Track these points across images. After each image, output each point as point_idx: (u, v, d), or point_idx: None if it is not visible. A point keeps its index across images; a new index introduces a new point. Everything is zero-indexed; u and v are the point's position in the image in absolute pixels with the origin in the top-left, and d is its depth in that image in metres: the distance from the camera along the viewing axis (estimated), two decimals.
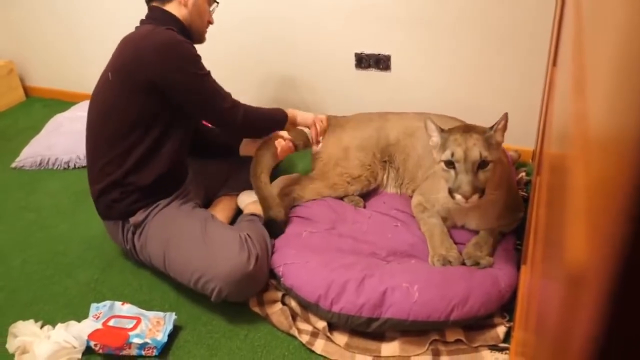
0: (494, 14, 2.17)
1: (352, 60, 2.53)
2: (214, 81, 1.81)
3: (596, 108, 0.46)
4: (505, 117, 1.64)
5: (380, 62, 2.48)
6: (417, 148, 2.04)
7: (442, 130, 1.67)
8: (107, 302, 1.70)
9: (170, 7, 1.83)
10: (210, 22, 1.96)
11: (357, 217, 1.97)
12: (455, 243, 1.79)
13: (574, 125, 0.58)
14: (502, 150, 1.88)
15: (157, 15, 1.83)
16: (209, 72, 1.79)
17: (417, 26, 2.33)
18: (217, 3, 1.99)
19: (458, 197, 1.56)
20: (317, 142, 2.14)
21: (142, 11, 1.88)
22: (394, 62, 2.46)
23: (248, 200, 2.09)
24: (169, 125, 1.81)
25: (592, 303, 0.33)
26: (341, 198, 2.09)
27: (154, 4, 1.85)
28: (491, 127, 1.64)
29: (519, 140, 2.31)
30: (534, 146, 2.27)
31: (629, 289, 0.30)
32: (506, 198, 1.77)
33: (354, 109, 2.39)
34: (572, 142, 0.56)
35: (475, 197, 1.55)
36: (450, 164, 1.58)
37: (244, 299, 1.70)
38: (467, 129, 1.63)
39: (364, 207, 2.07)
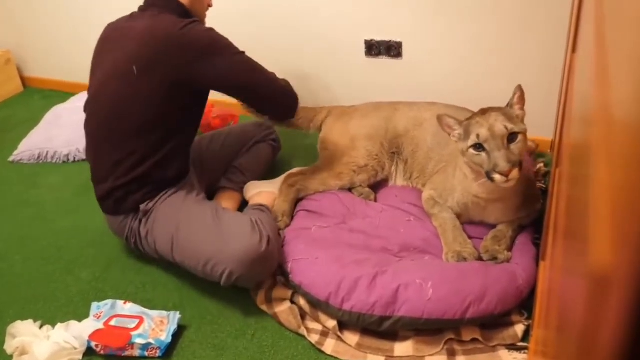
0: None
1: (362, 48, 2.52)
2: (250, 58, 1.85)
3: (621, 96, 0.46)
4: (520, 89, 1.65)
5: (391, 49, 2.47)
6: (427, 140, 2.04)
7: (459, 122, 1.68)
8: (109, 301, 1.71)
9: None
10: (209, 5, 1.98)
11: (369, 211, 1.97)
12: (470, 238, 1.78)
13: (596, 114, 0.57)
14: None
15: (156, 1, 1.83)
16: (244, 52, 1.83)
17: (430, 11, 2.31)
18: None
19: (497, 177, 1.55)
20: None
21: None
22: (405, 49, 2.45)
23: (254, 191, 2.10)
24: (194, 117, 1.90)
25: (618, 305, 0.33)
26: (350, 190, 2.09)
27: None
28: (507, 104, 1.66)
29: (537, 129, 2.29)
30: (552, 136, 2.25)
31: None
32: (525, 189, 1.76)
33: (364, 98, 2.38)
34: (595, 134, 0.55)
35: (515, 171, 1.55)
36: (479, 147, 1.59)
37: (253, 283, 1.72)
38: (484, 111, 1.65)
39: (375, 200, 2.07)
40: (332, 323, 1.60)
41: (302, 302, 1.68)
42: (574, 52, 1.43)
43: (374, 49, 2.50)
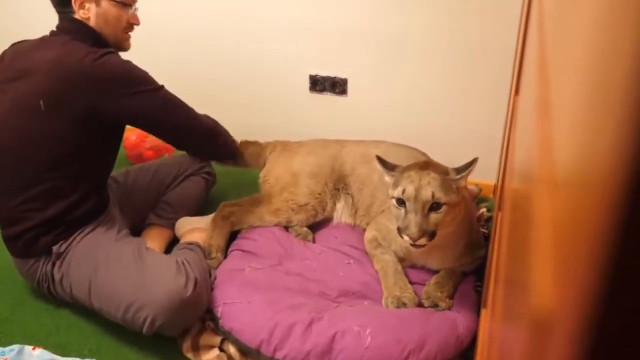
0: (457, 39, 2.23)
1: (307, 83, 2.54)
2: (171, 93, 1.82)
3: (563, 136, 0.46)
4: (475, 162, 1.64)
5: (336, 86, 2.50)
6: (373, 178, 2.05)
7: (394, 167, 1.69)
8: (15, 346, 1.61)
9: (77, 16, 1.76)
10: (135, 24, 1.86)
11: (307, 252, 1.95)
12: (412, 283, 1.79)
13: (538, 155, 0.58)
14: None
15: (68, 26, 1.76)
16: (162, 86, 1.80)
17: (377, 49, 2.37)
18: (136, 8, 1.86)
19: (405, 237, 1.57)
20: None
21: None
22: (350, 86, 2.49)
23: (186, 228, 2.05)
24: (108, 151, 1.84)
25: (562, 352, 0.32)
26: (287, 229, 2.07)
27: (59, 10, 1.78)
28: (457, 170, 1.64)
29: (480, 173, 2.34)
30: (495, 180, 2.32)
31: (601, 337, 0.29)
32: (467, 235, 1.79)
33: (308, 134, 2.39)
34: (537, 175, 0.56)
35: (423, 240, 1.56)
36: (401, 202, 1.59)
37: (179, 331, 1.65)
38: (425, 166, 1.64)
39: (314, 241, 2.05)
40: None
41: (232, 349, 1.63)
42: (517, 94, 1.49)
43: (319, 84, 2.52)
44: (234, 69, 2.64)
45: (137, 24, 1.88)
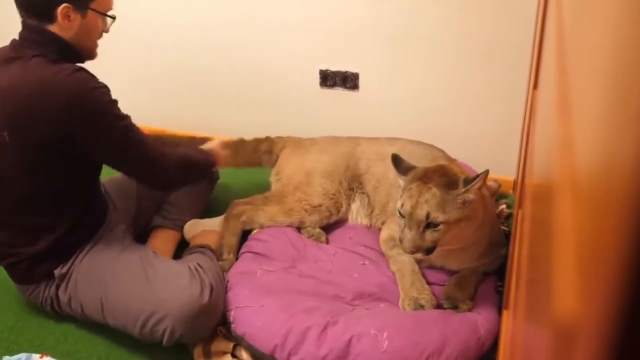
0: (472, 31, 2.22)
1: (317, 78, 2.55)
2: (137, 128, 1.69)
3: (583, 136, 0.46)
4: (485, 175, 1.59)
5: (347, 81, 2.50)
6: (389, 177, 2.05)
7: (407, 170, 1.69)
8: (23, 355, 1.63)
9: (53, 28, 1.64)
10: (104, 31, 1.77)
11: (320, 254, 1.96)
12: (430, 283, 1.79)
13: (559, 156, 0.58)
14: None
15: (35, 38, 1.63)
16: (128, 117, 1.67)
17: (389, 42, 2.37)
18: (114, 19, 1.77)
19: (402, 247, 1.63)
20: None
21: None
22: (362, 81, 2.49)
23: (195, 231, 2.06)
24: (88, 172, 1.77)
25: (586, 358, 0.32)
26: (299, 230, 2.08)
27: (31, 21, 1.64)
28: (466, 182, 1.59)
29: (499, 169, 2.35)
30: (515, 176, 2.31)
31: (626, 342, 0.29)
32: (488, 234, 1.78)
33: (318, 131, 2.39)
34: (558, 176, 0.56)
35: (418, 255, 1.62)
36: (401, 214, 1.62)
37: (199, 338, 1.66)
38: (430, 179, 1.60)
39: (327, 242, 2.06)
40: None
41: (244, 355, 1.64)
42: (535, 88, 1.48)
43: (329, 79, 2.52)
44: (242, 65, 2.65)
45: (108, 31, 1.79)
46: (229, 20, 2.56)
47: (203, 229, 2.07)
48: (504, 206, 2.23)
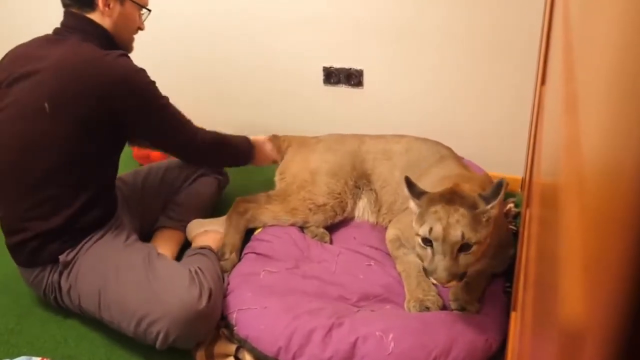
0: (478, 26, 2.22)
1: (320, 75, 2.55)
2: (174, 107, 1.88)
3: (590, 134, 0.46)
4: (502, 185, 1.51)
5: (351, 78, 2.50)
6: (395, 175, 2.05)
7: (420, 195, 1.58)
8: (23, 358, 1.63)
9: (93, 16, 1.80)
10: (140, 29, 1.96)
11: (324, 254, 1.96)
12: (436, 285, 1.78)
13: (565, 155, 0.58)
14: (489, 180, 1.90)
15: (78, 25, 1.79)
16: (167, 98, 1.85)
17: (393, 39, 2.36)
18: (149, 11, 1.97)
19: (432, 280, 1.50)
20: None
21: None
22: (366, 78, 2.49)
23: (198, 231, 2.06)
24: (113, 151, 1.86)
25: None
26: (302, 229, 2.08)
27: (73, 9, 1.80)
28: (485, 199, 1.52)
29: (506, 167, 2.35)
30: (522, 174, 2.31)
31: (633, 348, 0.29)
32: (496, 235, 1.78)
33: (323, 128, 2.39)
34: (564, 176, 0.56)
35: (453, 282, 1.49)
36: (427, 241, 1.50)
37: (193, 343, 1.66)
38: (452, 200, 1.50)
39: (331, 242, 2.06)
40: None
41: (248, 357, 1.64)
42: (543, 84, 1.48)
43: (333, 76, 2.52)
44: (245, 62, 2.65)
45: (143, 29, 1.97)
46: (232, 17, 2.57)
47: (205, 229, 2.07)
48: (511, 205, 2.22)
